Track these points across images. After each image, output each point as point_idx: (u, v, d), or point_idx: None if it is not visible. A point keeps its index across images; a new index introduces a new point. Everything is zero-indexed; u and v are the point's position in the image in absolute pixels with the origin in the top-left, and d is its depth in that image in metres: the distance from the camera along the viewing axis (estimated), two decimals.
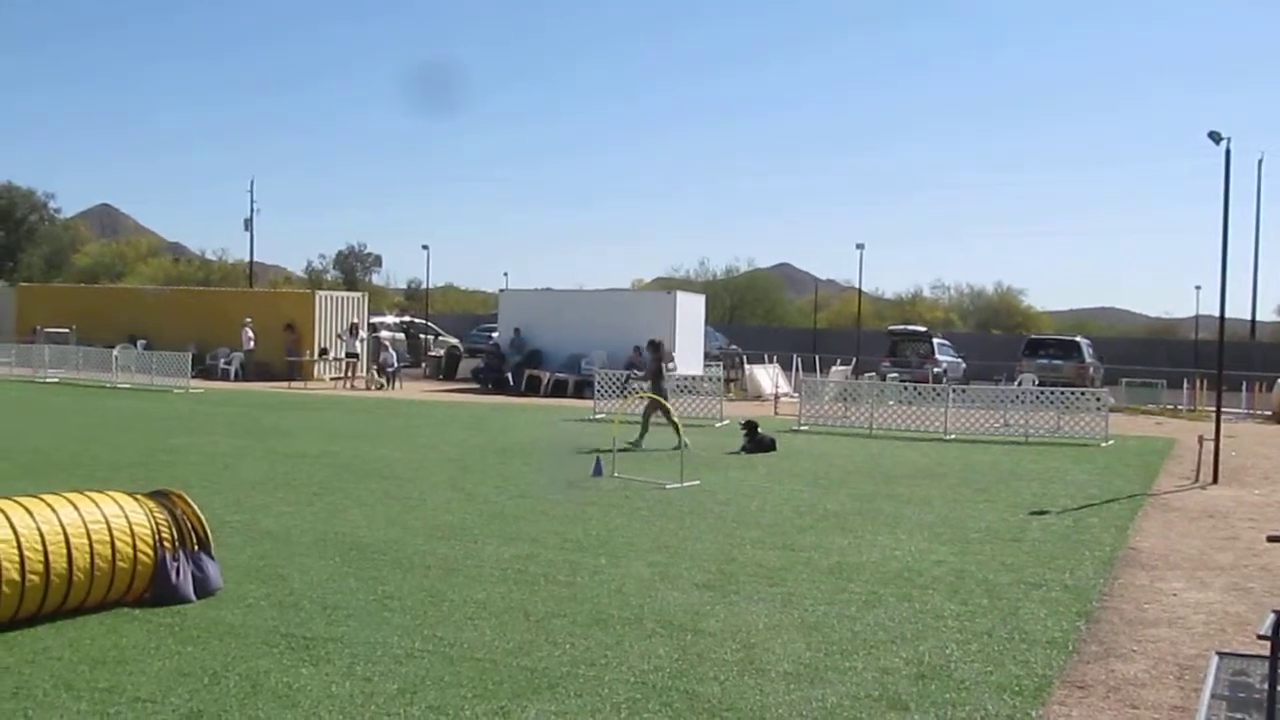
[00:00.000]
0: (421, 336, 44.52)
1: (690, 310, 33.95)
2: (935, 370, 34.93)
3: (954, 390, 23.33)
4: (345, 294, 40.92)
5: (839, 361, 37.07)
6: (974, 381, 35.15)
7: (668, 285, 59.42)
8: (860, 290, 63.77)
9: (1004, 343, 48.83)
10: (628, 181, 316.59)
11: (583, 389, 30.24)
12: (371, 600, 7.83)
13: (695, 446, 16.90)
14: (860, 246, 57.43)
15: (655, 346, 19.47)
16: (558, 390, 31.52)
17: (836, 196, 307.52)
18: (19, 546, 6.73)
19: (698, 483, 13.92)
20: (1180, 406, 30.72)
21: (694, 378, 28.02)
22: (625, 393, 23.69)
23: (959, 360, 40.78)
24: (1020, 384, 28.90)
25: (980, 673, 6.55)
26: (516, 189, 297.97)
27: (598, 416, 23.52)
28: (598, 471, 14.41)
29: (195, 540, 7.78)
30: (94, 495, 7.51)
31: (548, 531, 10.52)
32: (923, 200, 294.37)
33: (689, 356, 32.96)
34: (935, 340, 39.71)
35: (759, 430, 18.09)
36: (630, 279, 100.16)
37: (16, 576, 6.70)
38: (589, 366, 30.69)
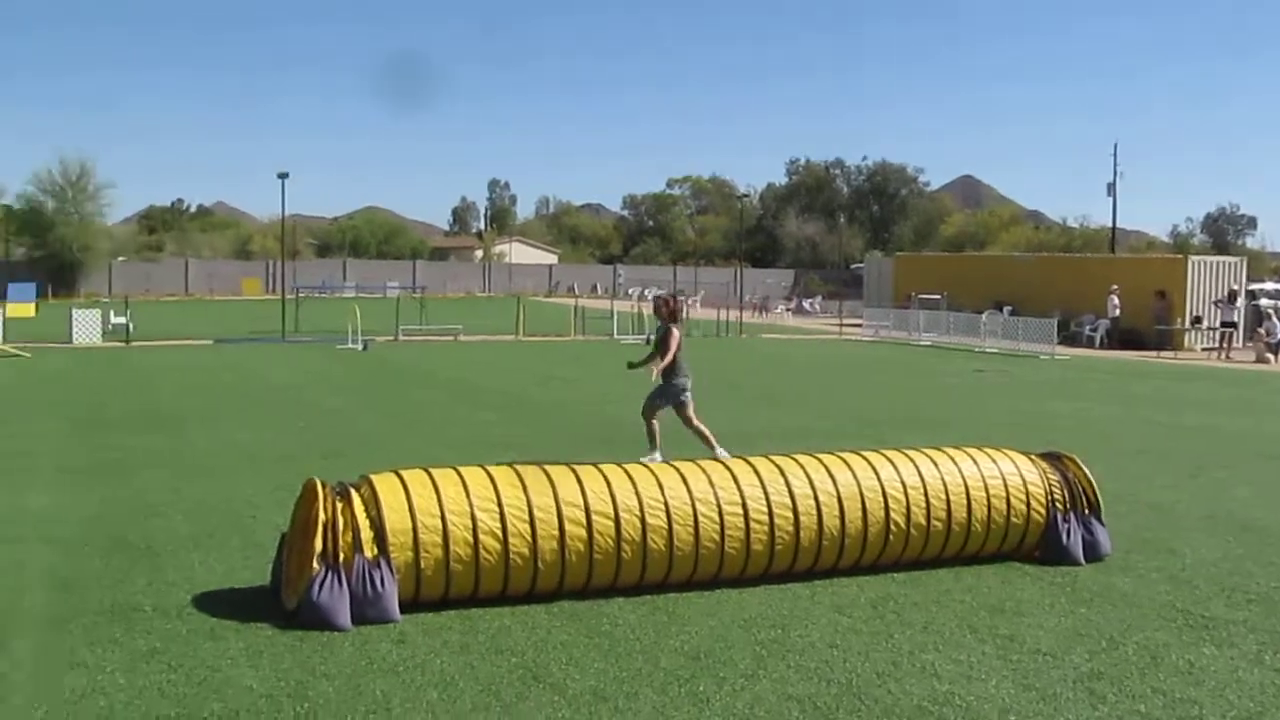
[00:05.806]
0: None
1: None
2: None
3: None
4: (1220, 259, 38.34)
5: None
6: None
7: None
8: None
9: None
10: None
11: None
12: (1274, 586, 7.24)
13: None
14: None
15: None
16: None
17: None
18: (927, 494, 7.30)
19: None
20: None
21: None
22: None
23: None
24: None
25: None
26: None
27: None
28: None
29: (1086, 504, 7.80)
30: (990, 451, 7.86)
31: None
32: None
33: None
34: None
35: None
36: None
37: (925, 522, 7.27)
38: None
